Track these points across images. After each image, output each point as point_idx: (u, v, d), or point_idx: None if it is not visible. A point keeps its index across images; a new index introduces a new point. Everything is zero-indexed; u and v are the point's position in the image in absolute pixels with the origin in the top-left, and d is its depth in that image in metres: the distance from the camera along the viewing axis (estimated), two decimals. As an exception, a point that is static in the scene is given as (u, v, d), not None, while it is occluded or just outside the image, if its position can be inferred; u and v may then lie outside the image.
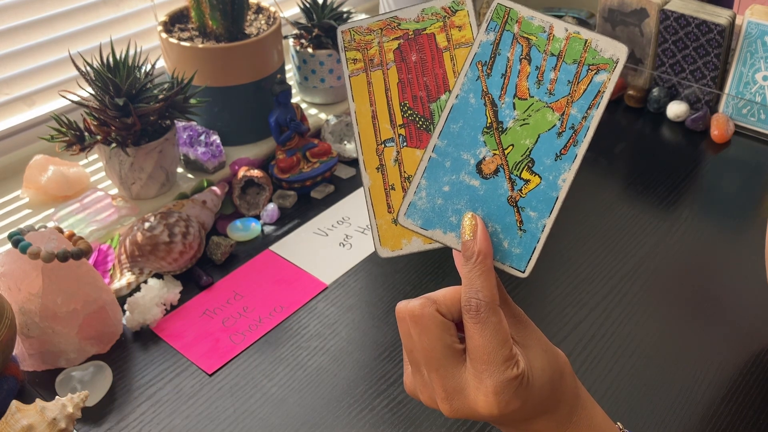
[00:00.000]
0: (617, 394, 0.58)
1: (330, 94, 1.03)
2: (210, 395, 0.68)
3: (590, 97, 0.43)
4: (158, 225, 0.77)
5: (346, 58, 0.47)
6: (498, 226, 0.44)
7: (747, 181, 0.94)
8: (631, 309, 0.74)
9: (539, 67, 0.44)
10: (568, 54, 0.44)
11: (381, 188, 0.46)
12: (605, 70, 0.43)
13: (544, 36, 0.44)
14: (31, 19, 0.92)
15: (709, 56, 1.00)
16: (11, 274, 0.67)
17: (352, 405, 0.66)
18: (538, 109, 0.44)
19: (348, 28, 0.47)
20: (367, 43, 0.47)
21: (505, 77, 0.44)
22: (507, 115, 0.44)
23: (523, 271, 0.43)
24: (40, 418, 0.60)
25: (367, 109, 0.46)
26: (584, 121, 0.43)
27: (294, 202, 0.91)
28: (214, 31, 0.91)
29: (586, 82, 0.43)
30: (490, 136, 0.44)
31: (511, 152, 0.44)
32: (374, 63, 0.47)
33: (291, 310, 0.76)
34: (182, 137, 0.91)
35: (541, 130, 0.44)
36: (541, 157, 0.44)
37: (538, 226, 0.43)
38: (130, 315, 0.73)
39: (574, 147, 0.43)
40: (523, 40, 0.44)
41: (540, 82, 0.44)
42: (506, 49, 0.44)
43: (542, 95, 0.44)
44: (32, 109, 0.95)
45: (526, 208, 0.44)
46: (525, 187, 0.44)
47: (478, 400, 0.44)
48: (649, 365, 0.69)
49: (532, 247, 0.43)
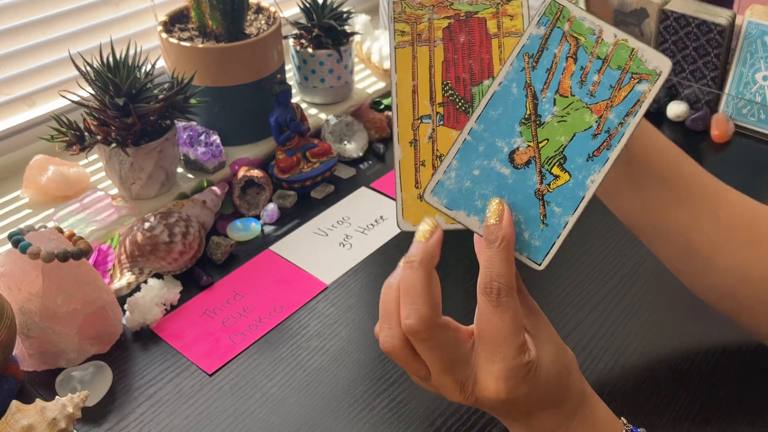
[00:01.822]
0: (618, 394, 0.58)
1: (330, 94, 1.03)
2: (210, 395, 0.68)
3: (629, 104, 0.44)
4: (158, 225, 0.78)
5: (395, 29, 0.47)
6: (521, 216, 0.44)
7: (747, 181, 0.94)
8: (631, 309, 0.74)
9: (584, 68, 0.45)
10: (614, 59, 0.44)
11: (411, 163, 0.46)
12: (647, 80, 0.44)
13: (593, 38, 0.45)
14: (31, 19, 0.92)
15: (709, 56, 1.00)
16: (11, 274, 0.68)
17: (352, 405, 0.66)
18: (578, 108, 0.44)
19: (401, 0, 0.47)
20: (417, 18, 0.47)
21: (549, 72, 0.45)
22: (546, 110, 0.45)
23: (540, 263, 0.44)
24: (40, 418, 0.60)
25: (409, 83, 0.46)
26: (620, 126, 0.44)
27: (294, 202, 0.91)
28: (214, 31, 0.91)
29: (627, 89, 0.44)
30: (527, 128, 0.45)
31: (545, 146, 0.44)
32: (422, 38, 0.47)
33: (291, 310, 0.76)
34: (182, 137, 0.91)
35: (578, 130, 0.44)
36: (574, 156, 0.44)
37: (561, 222, 0.44)
38: (130, 315, 0.73)
39: (607, 150, 0.44)
40: (572, 39, 0.45)
41: (583, 83, 0.45)
42: (554, 45, 0.45)
43: (583, 95, 0.44)
44: (32, 109, 0.95)
45: (551, 202, 0.44)
46: (554, 183, 0.44)
47: (488, 385, 0.44)
48: (650, 365, 0.69)
49: (552, 242, 0.44)
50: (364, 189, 0.92)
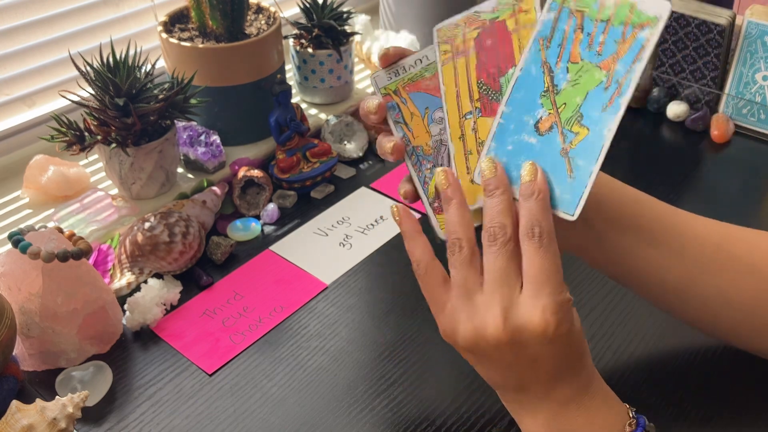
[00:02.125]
0: (618, 394, 0.58)
1: (330, 94, 1.03)
2: (210, 395, 0.68)
3: (634, 52, 0.48)
4: (158, 225, 0.78)
5: (440, 51, 0.54)
6: (551, 176, 0.49)
7: (747, 181, 0.94)
8: (631, 309, 0.75)
9: (590, 33, 0.49)
10: (616, 18, 0.49)
11: (462, 154, 0.53)
12: (649, 26, 0.48)
13: (596, 6, 0.49)
14: (31, 19, 0.92)
15: (709, 56, 1.00)
16: (11, 274, 0.68)
17: (352, 405, 0.66)
18: (588, 69, 0.49)
19: (442, 26, 0.54)
20: (454, 36, 0.54)
21: (561, 47, 0.50)
22: (561, 79, 0.50)
23: (573, 214, 0.49)
24: (40, 418, 0.60)
25: (453, 91, 0.53)
26: (627, 74, 0.48)
27: (294, 202, 0.91)
28: (214, 31, 0.91)
29: (631, 40, 0.48)
30: (546, 99, 0.50)
31: (563, 110, 0.50)
32: (459, 51, 0.54)
33: (291, 310, 0.76)
34: (182, 137, 0.91)
35: (590, 87, 0.49)
36: (590, 111, 0.49)
37: (586, 173, 0.48)
38: (130, 315, 0.73)
39: (618, 98, 0.48)
40: (578, 12, 0.50)
41: (590, 46, 0.49)
42: (563, 22, 0.50)
43: (592, 57, 0.49)
44: (32, 110, 0.95)
45: (575, 157, 0.49)
46: (575, 140, 0.49)
47: (534, 317, 0.47)
48: (650, 365, 0.69)
49: (581, 192, 0.48)
50: (364, 189, 0.93)
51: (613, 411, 0.53)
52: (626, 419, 0.52)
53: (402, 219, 0.54)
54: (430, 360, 0.70)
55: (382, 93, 0.56)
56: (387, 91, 0.56)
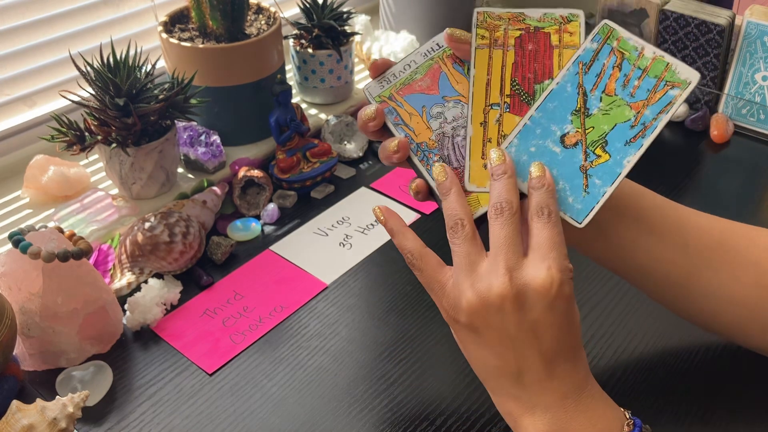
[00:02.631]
0: (617, 394, 0.58)
1: (330, 94, 1.03)
2: (210, 395, 0.68)
3: (663, 104, 0.54)
4: (158, 225, 0.78)
5: (476, 34, 0.56)
6: (568, 185, 0.53)
7: (746, 181, 0.94)
8: (630, 309, 0.75)
9: (627, 75, 0.55)
10: (651, 70, 0.54)
11: (480, 139, 0.55)
12: (678, 87, 0.54)
13: (636, 53, 0.55)
14: (31, 20, 0.92)
15: (709, 56, 1.00)
16: (12, 274, 0.68)
17: (352, 405, 0.67)
18: (620, 105, 0.54)
19: (483, 11, 0.56)
20: (495, 27, 0.56)
21: (598, 77, 0.55)
22: (594, 105, 0.54)
23: (580, 222, 0.53)
24: (41, 418, 0.60)
25: (484, 77, 0.56)
26: (653, 121, 0.53)
27: (294, 202, 0.91)
28: (215, 31, 0.91)
29: (662, 93, 0.54)
30: (577, 117, 0.54)
31: (591, 132, 0.54)
32: (497, 43, 0.56)
33: (291, 309, 0.76)
34: (182, 137, 0.91)
35: (619, 121, 0.54)
36: (614, 141, 0.54)
37: (600, 191, 0.53)
38: (130, 315, 0.73)
39: (642, 138, 0.53)
40: (618, 53, 0.55)
41: (625, 86, 0.54)
42: (604, 56, 0.55)
43: (625, 95, 0.54)
44: (33, 110, 0.95)
45: (593, 176, 0.53)
46: (596, 161, 0.53)
47: (540, 272, 0.50)
48: (649, 364, 0.69)
49: (592, 206, 0.53)
50: (364, 189, 0.93)
51: (611, 411, 0.53)
52: (624, 420, 0.52)
53: (386, 218, 0.56)
54: (430, 360, 0.70)
55: (377, 101, 0.57)
56: (381, 99, 0.58)
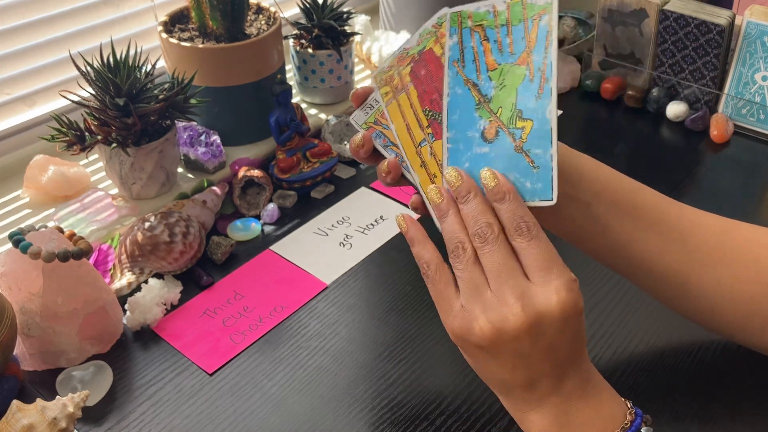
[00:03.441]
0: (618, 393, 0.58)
1: (330, 94, 1.03)
2: (210, 395, 0.68)
3: (543, 40, 0.51)
4: (158, 225, 0.78)
5: (381, 94, 0.57)
6: (516, 173, 0.51)
7: (746, 181, 0.94)
8: (630, 308, 0.75)
9: (497, 40, 0.53)
10: (513, 18, 0.52)
11: (427, 179, 0.55)
12: (545, 13, 0.51)
13: (491, 16, 0.53)
14: (31, 19, 0.92)
15: (709, 56, 1.00)
16: (12, 274, 0.68)
17: (352, 405, 0.67)
18: (508, 70, 0.52)
19: (377, 73, 0.57)
20: (390, 78, 0.57)
21: (475, 62, 0.53)
22: (488, 88, 0.52)
23: (551, 198, 0.50)
24: (41, 418, 0.60)
25: (403, 125, 0.56)
26: (545, 60, 0.51)
27: (294, 202, 0.91)
28: (215, 31, 0.91)
29: (535, 29, 0.51)
30: (482, 110, 0.52)
31: (501, 113, 0.52)
32: (399, 89, 0.56)
33: (291, 309, 0.76)
34: (182, 137, 0.91)
35: (517, 84, 0.51)
36: (525, 104, 0.51)
37: (546, 158, 0.50)
38: (130, 315, 0.73)
39: (546, 84, 0.50)
40: (477, 27, 0.53)
41: (501, 50, 0.52)
42: (468, 41, 0.53)
43: (507, 59, 0.52)
44: (33, 109, 0.95)
45: (531, 149, 0.50)
46: (523, 133, 0.51)
47: (551, 299, 0.48)
48: (649, 364, 0.69)
49: (550, 177, 0.50)
50: (364, 189, 0.93)
51: (614, 400, 0.53)
52: (626, 409, 0.53)
53: (408, 227, 0.55)
54: (430, 360, 0.71)
55: (363, 128, 0.59)
56: (368, 125, 0.59)
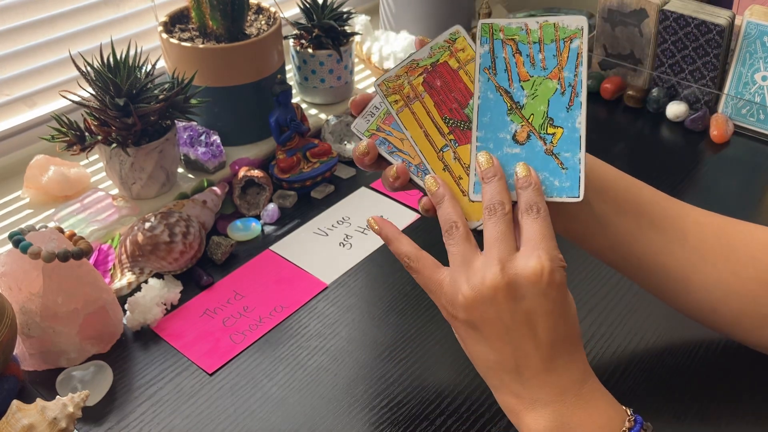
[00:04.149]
0: (617, 393, 0.58)
1: (330, 94, 1.03)
2: (210, 395, 0.68)
3: (573, 60, 0.56)
4: (159, 225, 0.78)
5: (390, 102, 0.58)
6: (546, 172, 0.55)
7: (746, 181, 0.94)
8: (630, 308, 0.75)
9: (529, 54, 0.57)
10: (545, 38, 0.57)
11: (452, 181, 0.57)
12: (576, 38, 0.56)
13: (523, 32, 0.57)
14: (31, 20, 0.92)
15: (709, 56, 1.00)
16: (12, 274, 0.68)
17: (352, 405, 0.67)
18: (541, 82, 0.56)
19: (382, 80, 0.58)
20: (400, 87, 0.58)
21: (507, 71, 0.57)
22: (520, 96, 0.57)
23: (578, 195, 0.55)
24: (41, 418, 0.60)
25: (419, 132, 0.58)
26: (575, 77, 0.56)
27: (294, 202, 0.91)
28: (215, 31, 0.91)
29: (566, 50, 0.56)
30: (514, 115, 0.57)
31: (533, 119, 0.56)
32: (411, 98, 0.58)
33: (291, 309, 0.76)
34: (182, 137, 0.91)
35: (549, 96, 0.56)
36: (557, 113, 0.56)
37: (575, 160, 0.55)
38: (130, 315, 0.74)
39: (577, 98, 0.56)
40: (510, 41, 0.57)
41: (534, 64, 0.57)
42: (500, 51, 0.57)
43: (539, 72, 0.57)
44: (33, 110, 0.95)
45: (560, 152, 0.55)
46: (554, 138, 0.56)
47: (529, 262, 0.51)
48: (649, 364, 0.69)
49: (578, 176, 0.55)
50: (364, 189, 0.93)
51: (612, 407, 0.53)
52: (625, 416, 0.52)
53: (380, 226, 0.58)
54: (430, 360, 0.71)
55: (366, 136, 0.60)
56: (370, 132, 0.60)
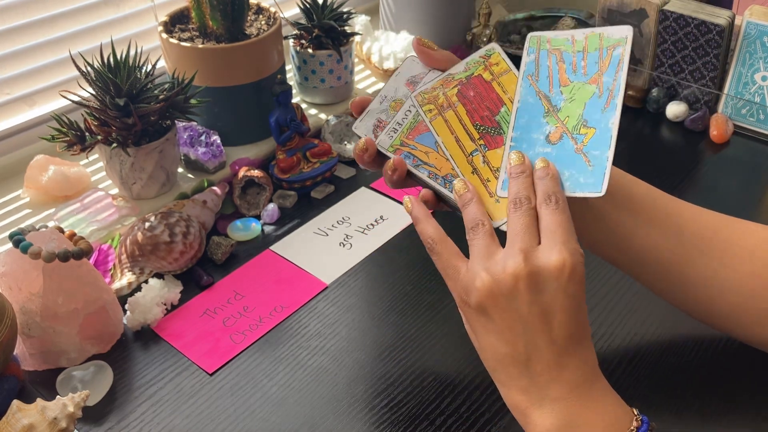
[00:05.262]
0: (619, 392, 0.58)
1: (330, 94, 1.03)
2: (210, 395, 0.68)
3: (615, 65, 0.57)
4: (159, 225, 0.78)
5: (424, 111, 0.61)
6: (573, 170, 0.56)
7: (746, 181, 0.94)
8: (631, 308, 0.75)
9: (572, 63, 0.58)
10: (590, 46, 0.58)
11: (479, 183, 0.59)
12: (620, 46, 0.57)
13: (569, 43, 0.59)
14: (31, 19, 0.92)
15: (708, 56, 1.00)
16: (12, 274, 0.68)
17: (352, 405, 0.67)
18: (580, 87, 0.58)
19: (418, 92, 0.61)
20: (435, 97, 0.61)
21: (549, 78, 0.59)
22: (558, 100, 0.58)
23: (600, 191, 0.55)
24: (41, 418, 0.60)
25: (450, 137, 0.60)
26: (614, 82, 0.57)
27: (294, 202, 0.91)
28: (215, 31, 0.91)
29: (608, 57, 0.57)
30: (550, 117, 0.58)
31: (568, 121, 0.57)
32: (444, 107, 0.61)
33: (291, 309, 0.77)
34: (183, 137, 0.91)
35: (586, 99, 0.57)
36: (591, 115, 0.57)
37: (603, 158, 0.55)
38: (130, 315, 0.74)
39: (613, 100, 0.56)
40: (555, 51, 0.59)
41: (575, 71, 0.58)
42: (545, 60, 0.59)
43: (580, 78, 0.58)
44: (33, 109, 0.95)
45: (590, 151, 0.56)
46: (585, 139, 0.56)
47: (552, 256, 0.51)
48: (650, 363, 0.69)
49: (602, 173, 0.55)
50: (364, 189, 0.93)
51: (620, 407, 0.53)
52: (632, 416, 0.53)
53: (413, 206, 0.59)
54: (430, 360, 0.71)
55: (390, 151, 0.61)
56: (394, 148, 0.61)
